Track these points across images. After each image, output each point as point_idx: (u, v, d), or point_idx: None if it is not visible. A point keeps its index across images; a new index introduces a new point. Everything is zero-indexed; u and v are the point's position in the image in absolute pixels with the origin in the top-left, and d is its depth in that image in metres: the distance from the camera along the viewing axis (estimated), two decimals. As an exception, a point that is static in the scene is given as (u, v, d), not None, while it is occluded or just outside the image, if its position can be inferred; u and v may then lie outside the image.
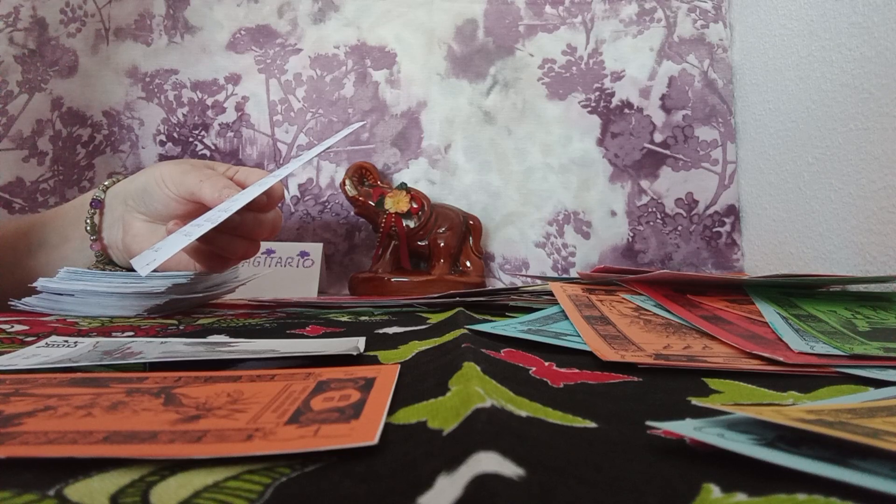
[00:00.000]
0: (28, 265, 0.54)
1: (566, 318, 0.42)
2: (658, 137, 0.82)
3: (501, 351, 0.34)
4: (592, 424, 0.22)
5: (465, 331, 0.37)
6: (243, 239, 0.51)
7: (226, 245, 0.50)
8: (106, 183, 0.55)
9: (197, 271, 0.50)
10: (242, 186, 0.49)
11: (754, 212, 0.78)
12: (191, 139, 0.86)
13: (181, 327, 0.44)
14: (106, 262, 0.54)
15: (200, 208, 0.49)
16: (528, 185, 0.83)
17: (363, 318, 0.49)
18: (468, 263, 0.79)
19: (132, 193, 0.52)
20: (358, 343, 0.34)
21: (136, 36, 0.86)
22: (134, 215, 0.52)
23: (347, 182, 0.78)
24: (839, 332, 0.37)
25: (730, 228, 0.81)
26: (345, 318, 0.49)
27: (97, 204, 0.53)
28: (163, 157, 0.86)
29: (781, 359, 0.32)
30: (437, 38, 0.85)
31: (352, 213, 0.81)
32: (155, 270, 0.44)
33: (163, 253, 0.43)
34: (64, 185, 0.82)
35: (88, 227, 0.53)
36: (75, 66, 0.84)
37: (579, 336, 0.37)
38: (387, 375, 0.27)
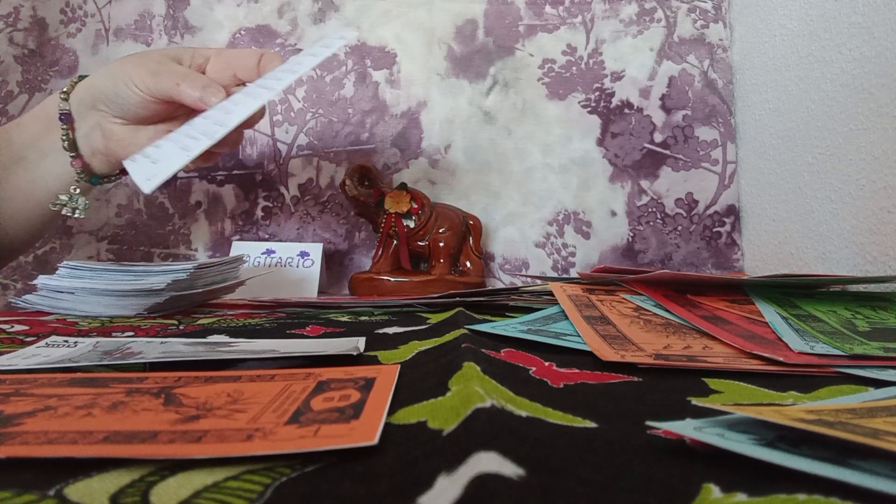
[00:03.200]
0: (6, 185, 0.52)
1: (566, 318, 0.42)
2: (658, 137, 0.82)
3: (501, 351, 0.34)
4: (592, 424, 0.22)
5: (465, 331, 0.37)
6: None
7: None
8: (64, 90, 0.52)
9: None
10: (220, 82, 0.49)
11: (754, 212, 0.78)
12: (191, 139, 0.86)
13: (181, 327, 0.44)
14: (88, 177, 0.53)
15: (182, 106, 0.49)
16: (528, 185, 0.83)
17: (363, 318, 0.49)
18: (468, 263, 0.79)
19: (102, 98, 0.50)
20: (358, 343, 0.34)
21: (136, 36, 0.86)
22: (111, 120, 0.51)
23: (347, 182, 0.78)
24: (839, 332, 0.37)
25: (730, 228, 0.81)
26: (345, 318, 0.49)
27: (67, 118, 0.51)
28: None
29: (781, 359, 0.32)
30: (437, 38, 0.85)
31: (352, 213, 0.81)
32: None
33: (163, 168, 0.43)
34: (64, 184, 0.82)
35: (66, 144, 0.51)
36: (75, 66, 0.84)
37: (579, 336, 0.37)
38: (387, 375, 0.27)
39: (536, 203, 0.83)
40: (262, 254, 0.75)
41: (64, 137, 0.51)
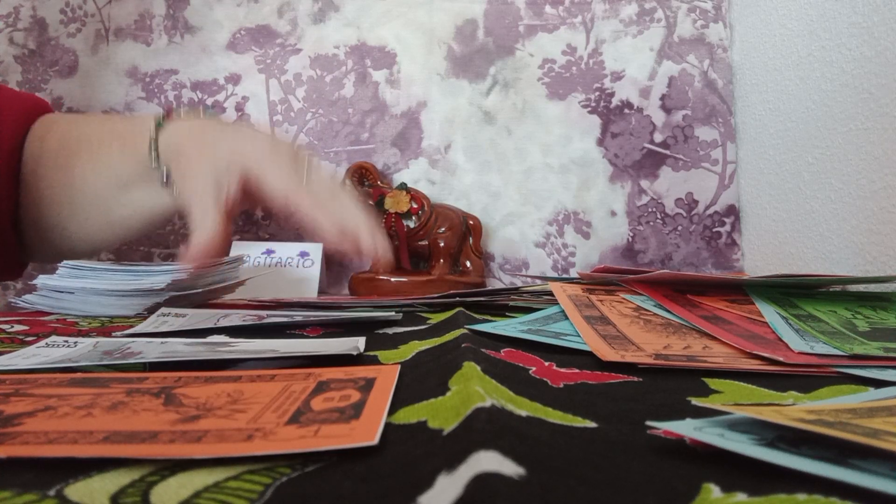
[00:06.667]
0: (117, 207, 0.54)
1: (566, 318, 0.42)
2: (658, 137, 0.82)
3: (501, 351, 0.34)
4: (592, 424, 0.22)
5: (465, 331, 0.37)
6: None
7: None
8: (152, 140, 0.50)
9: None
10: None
11: (754, 212, 0.78)
12: (191, 139, 0.86)
13: (181, 327, 0.44)
14: None
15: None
16: (528, 185, 0.83)
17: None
18: (468, 263, 0.79)
19: (214, 170, 0.47)
20: (358, 343, 0.34)
21: (136, 36, 0.86)
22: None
23: (347, 182, 0.78)
24: (839, 332, 0.37)
25: (730, 228, 0.81)
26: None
27: (168, 179, 0.50)
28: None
29: (781, 359, 0.32)
30: (437, 38, 0.85)
31: (352, 213, 0.81)
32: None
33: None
34: (64, 184, 0.82)
35: (171, 188, 0.50)
36: (75, 66, 0.84)
37: (579, 336, 0.37)
38: (387, 375, 0.27)
39: (536, 203, 0.83)
40: (262, 254, 0.75)
41: (165, 183, 0.51)
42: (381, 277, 0.75)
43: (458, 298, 0.54)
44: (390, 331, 0.42)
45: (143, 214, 0.56)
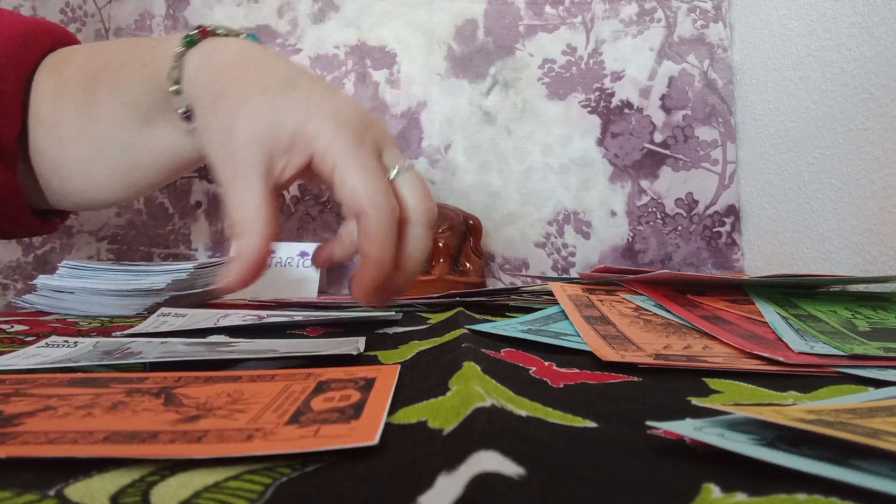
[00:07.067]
0: (139, 145, 0.45)
1: (566, 318, 0.42)
2: (658, 137, 0.82)
3: (501, 351, 0.34)
4: (592, 424, 0.22)
5: (465, 331, 0.37)
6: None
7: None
8: (173, 70, 0.39)
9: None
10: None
11: (754, 212, 0.78)
12: (191, 139, 0.86)
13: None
14: None
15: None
16: (528, 185, 0.83)
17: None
18: (468, 263, 0.79)
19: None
20: (358, 343, 0.34)
21: (136, 36, 0.86)
22: None
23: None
24: (839, 332, 0.37)
25: (730, 228, 0.81)
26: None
27: (188, 116, 0.40)
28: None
29: (781, 359, 0.32)
30: (437, 38, 0.85)
31: (352, 213, 0.81)
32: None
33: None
34: (64, 184, 0.82)
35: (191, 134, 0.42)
36: (75, 66, 0.84)
37: (579, 336, 0.37)
38: (387, 375, 0.27)
39: (536, 203, 0.83)
40: (262, 254, 0.75)
41: (184, 118, 0.41)
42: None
43: (458, 298, 0.54)
44: (390, 331, 0.42)
45: (164, 161, 0.46)
